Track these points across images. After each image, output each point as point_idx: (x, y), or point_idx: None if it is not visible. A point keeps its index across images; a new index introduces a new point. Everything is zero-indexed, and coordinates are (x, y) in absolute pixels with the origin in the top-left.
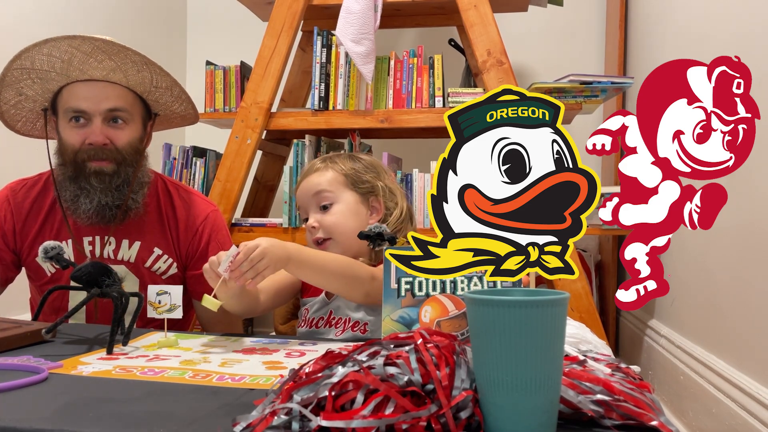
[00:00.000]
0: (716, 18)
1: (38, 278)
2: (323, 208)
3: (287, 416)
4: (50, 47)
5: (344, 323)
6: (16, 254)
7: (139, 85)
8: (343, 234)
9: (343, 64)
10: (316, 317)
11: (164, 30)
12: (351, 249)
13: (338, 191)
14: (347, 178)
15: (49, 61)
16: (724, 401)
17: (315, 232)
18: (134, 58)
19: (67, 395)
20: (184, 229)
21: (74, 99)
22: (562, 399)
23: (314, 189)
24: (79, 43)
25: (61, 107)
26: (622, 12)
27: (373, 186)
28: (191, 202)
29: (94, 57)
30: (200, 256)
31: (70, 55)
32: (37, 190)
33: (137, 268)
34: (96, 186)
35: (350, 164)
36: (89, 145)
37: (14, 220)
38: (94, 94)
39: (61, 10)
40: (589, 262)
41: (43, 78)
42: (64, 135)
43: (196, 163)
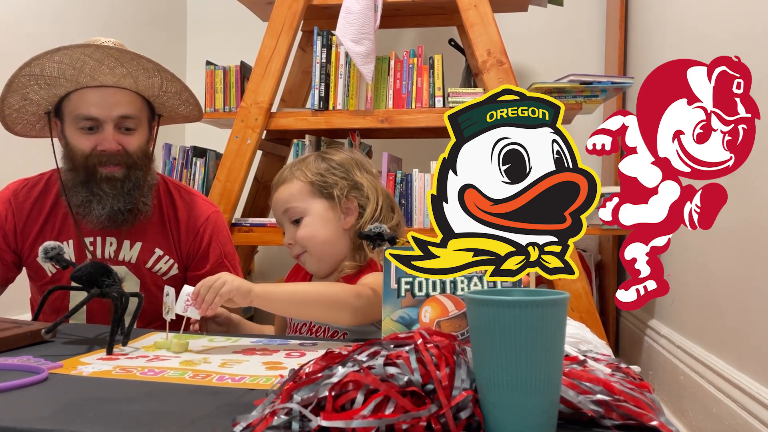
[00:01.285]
0: (716, 18)
1: (39, 278)
2: (295, 222)
3: (287, 416)
4: (62, 55)
5: (323, 332)
6: (17, 254)
7: (147, 90)
8: (317, 245)
9: (343, 64)
10: (299, 323)
11: (164, 30)
12: (326, 258)
13: (306, 202)
14: (313, 185)
15: (60, 68)
16: (724, 401)
17: (292, 249)
18: (147, 65)
19: (67, 395)
20: (185, 230)
21: (85, 105)
22: (562, 399)
23: (283, 206)
24: (92, 51)
25: (69, 112)
26: (622, 12)
27: (341, 188)
28: (193, 202)
29: (105, 64)
30: (201, 256)
31: (81, 63)
32: (38, 190)
33: (138, 268)
34: (108, 192)
35: (316, 168)
36: (101, 151)
37: (15, 220)
38: (105, 100)
39: (60, 10)
40: (589, 262)
41: (51, 84)
42: (74, 140)
43: (196, 163)
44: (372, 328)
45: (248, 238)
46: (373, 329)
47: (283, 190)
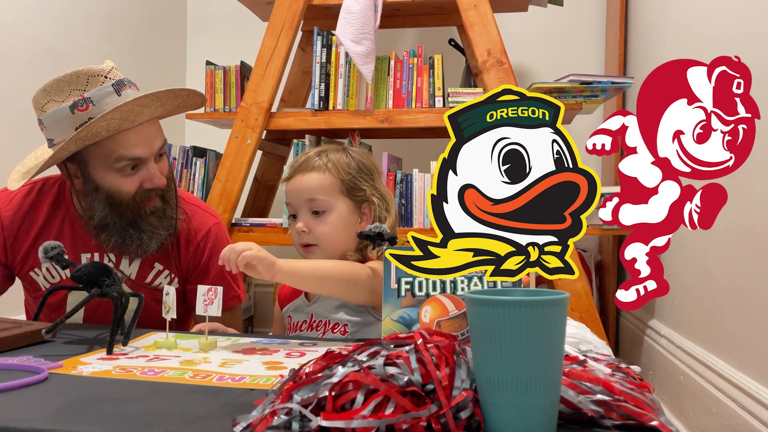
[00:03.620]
0: (716, 18)
1: (33, 290)
2: (314, 213)
3: (287, 416)
4: (114, 112)
5: (324, 325)
6: (8, 268)
7: (168, 111)
8: (333, 244)
9: (343, 64)
10: (299, 320)
11: (164, 30)
12: (334, 257)
13: (333, 198)
14: (343, 184)
15: (108, 125)
16: (724, 401)
17: (303, 237)
18: (180, 93)
19: (67, 395)
20: (185, 244)
21: (125, 148)
22: (562, 399)
23: (308, 194)
24: (142, 99)
25: (104, 157)
26: (622, 12)
27: (368, 195)
28: (193, 214)
29: (147, 107)
30: (201, 270)
31: (128, 113)
32: (30, 202)
33: (138, 284)
34: (156, 225)
35: (345, 164)
36: (149, 189)
37: (4, 234)
38: (145, 138)
39: (61, 11)
40: (589, 262)
41: (88, 138)
42: (115, 183)
43: (196, 163)
44: (371, 319)
45: (248, 238)
46: (372, 320)
47: (311, 178)
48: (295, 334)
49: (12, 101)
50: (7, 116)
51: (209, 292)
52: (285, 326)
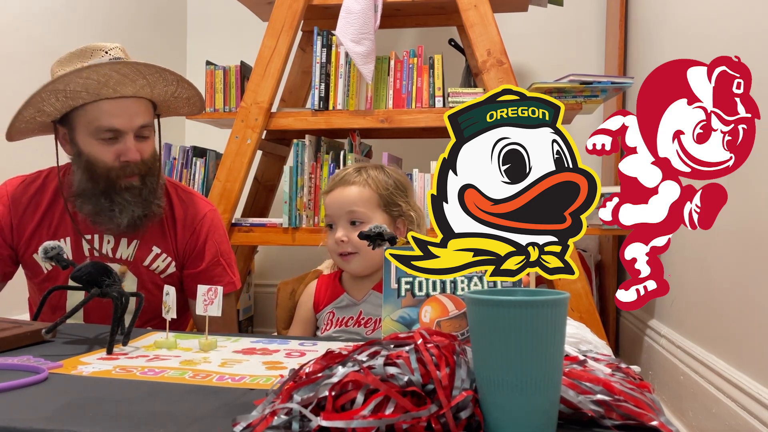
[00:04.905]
0: (716, 18)
1: (35, 275)
2: (352, 223)
3: (287, 416)
4: (90, 71)
5: (374, 323)
6: (13, 249)
7: (159, 96)
8: (370, 252)
9: (343, 64)
10: (345, 317)
11: (164, 30)
12: (372, 265)
13: (371, 211)
14: (381, 199)
15: (85, 83)
16: (724, 401)
17: (343, 246)
18: (169, 77)
19: (67, 395)
20: (182, 228)
21: (106, 117)
22: (562, 399)
23: (348, 206)
24: (120, 66)
25: (87, 123)
26: (622, 12)
27: (403, 210)
28: (190, 201)
29: (130, 78)
30: (197, 254)
31: (107, 78)
32: (35, 187)
33: (136, 266)
34: (130, 200)
35: (383, 181)
36: (124, 162)
37: (11, 215)
38: (126, 112)
39: (61, 10)
40: (589, 262)
41: (70, 97)
42: (94, 151)
43: (196, 163)
44: None
45: (248, 238)
46: None
47: (351, 191)
48: (340, 329)
49: (12, 101)
50: (7, 116)
51: (209, 292)
52: (314, 326)
